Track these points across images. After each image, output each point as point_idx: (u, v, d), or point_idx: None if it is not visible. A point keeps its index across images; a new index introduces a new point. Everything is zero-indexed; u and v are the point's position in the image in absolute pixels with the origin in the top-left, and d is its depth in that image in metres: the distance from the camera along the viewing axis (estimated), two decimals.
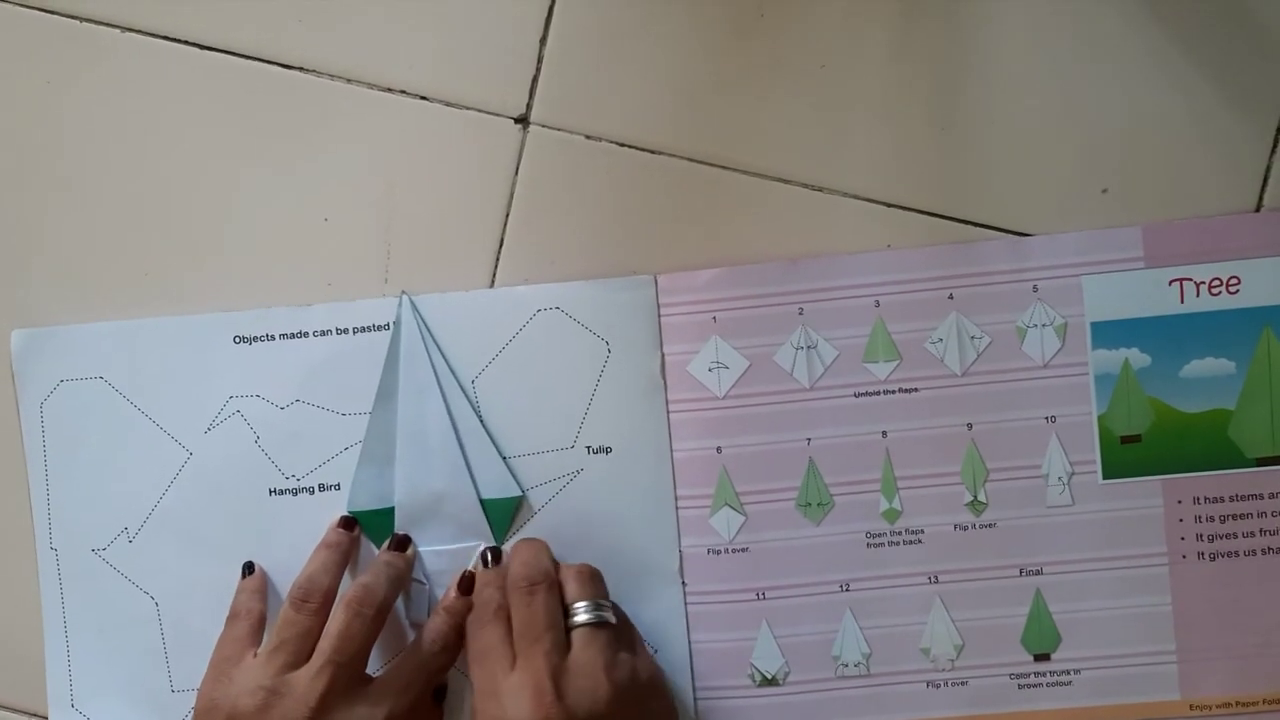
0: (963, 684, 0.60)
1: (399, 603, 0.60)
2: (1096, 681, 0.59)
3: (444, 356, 0.60)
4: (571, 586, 0.56)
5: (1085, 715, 0.59)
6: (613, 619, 0.56)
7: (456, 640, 0.58)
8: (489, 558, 0.59)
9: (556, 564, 0.58)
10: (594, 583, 0.57)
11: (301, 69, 0.61)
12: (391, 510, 0.60)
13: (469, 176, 0.61)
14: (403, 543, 0.60)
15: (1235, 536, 0.59)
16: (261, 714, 0.54)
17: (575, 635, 0.55)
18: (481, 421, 0.60)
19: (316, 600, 0.56)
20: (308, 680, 0.55)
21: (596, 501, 0.60)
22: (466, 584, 0.59)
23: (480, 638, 0.56)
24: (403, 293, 0.60)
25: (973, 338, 0.59)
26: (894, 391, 0.60)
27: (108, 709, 0.61)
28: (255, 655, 0.56)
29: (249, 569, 0.60)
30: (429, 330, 0.60)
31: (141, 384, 0.61)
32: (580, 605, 0.56)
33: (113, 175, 0.62)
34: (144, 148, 0.62)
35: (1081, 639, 0.59)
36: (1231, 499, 0.59)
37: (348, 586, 0.58)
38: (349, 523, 0.60)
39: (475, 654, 0.56)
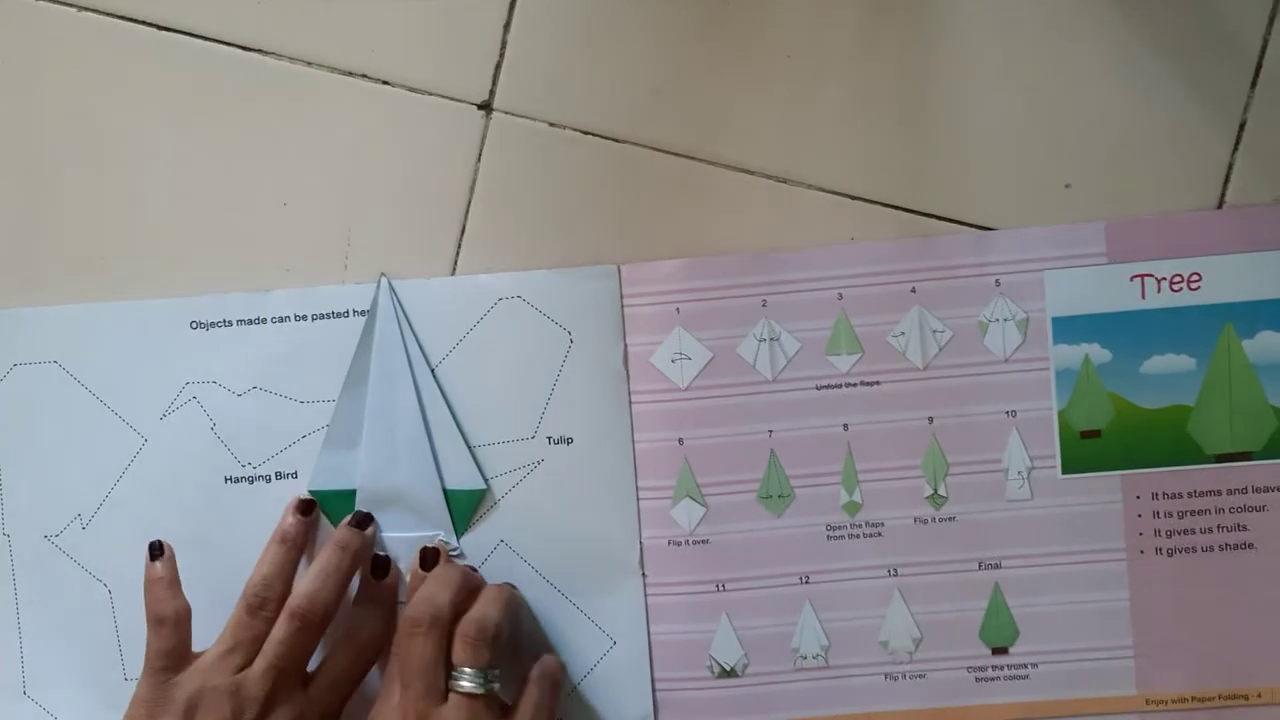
0: (920, 677, 0.60)
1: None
2: (1054, 675, 0.60)
3: (418, 342, 0.59)
4: (456, 649, 0.55)
5: (1042, 709, 0.60)
6: (497, 687, 0.55)
7: (388, 630, 0.58)
8: (426, 559, 0.59)
9: (473, 591, 0.57)
10: (476, 649, 0.55)
11: (261, 51, 0.60)
12: (352, 493, 0.60)
13: (431, 163, 0.60)
14: (363, 520, 0.59)
15: (1193, 532, 0.59)
16: (209, 712, 0.54)
17: (452, 697, 0.55)
18: (451, 411, 0.59)
19: (272, 608, 0.56)
20: (255, 681, 0.55)
21: (557, 492, 0.60)
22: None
23: (391, 663, 0.57)
24: (381, 275, 0.60)
25: (935, 331, 0.59)
26: (856, 385, 0.60)
27: (60, 697, 0.61)
28: (203, 656, 0.56)
29: (157, 550, 0.58)
30: (405, 315, 0.60)
31: (96, 369, 0.60)
32: (466, 672, 0.55)
33: (68, 157, 0.61)
34: (101, 129, 0.61)
35: (1039, 633, 0.59)
36: (1190, 495, 0.59)
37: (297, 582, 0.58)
38: (307, 506, 0.59)
39: (385, 675, 0.57)
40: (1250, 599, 0.59)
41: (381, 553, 0.60)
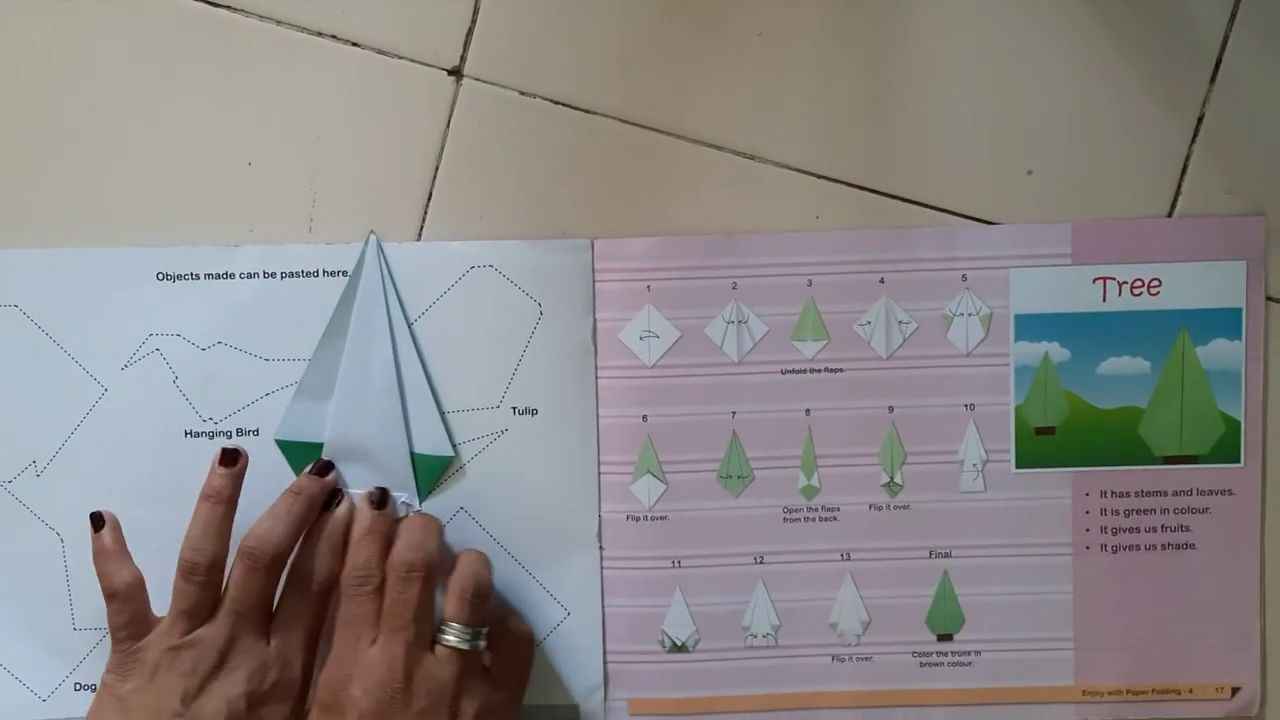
0: (867, 660, 0.61)
1: None
2: (995, 664, 0.61)
3: (400, 303, 0.59)
4: (451, 604, 0.56)
5: (982, 695, 0.61)
6: (483, 645, 0.56)
7: (337, 567, 0.58)
8: (375, 498, 0.58)
9: (444, 548, 0.58)
10: (474, 606, 0.56)
11: (229, 8, 0.60)
12: (319, 447, 0.60)
13: (399, 128, 0.60)
14: (324, 468, 0.59)
15: (1138, 531, 0.61)
16: (171, 665, 0.54)
17: (439, 649, 0.56)
18: (427, 375, 0.59)
19: (203, 571, 0.55)
20: (214, 631, 0.55)
21: (519, 462, 0.60)
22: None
23: (352, 606, 0.56)
24: (371, 233, 0.59)
25: (900, 322, 0.60)
26: (820, 371, 0.60)
27: (8, 644, 0.60)
28: (162, 621, 0.56)
29: (99, 521, 0.58)
30: (390, 274, 0.59)
31: (58, 315, 0.60)
32: (454, 627, 0.56)
33: (35, 103, 0.60)
34: (69, 79, 0.60)
35: (984, 622, 0.61)
36: (1137, 494, 0.61)
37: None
38: (230, 457, 0.58)
39: (343, 619, 0.56)
40: (1188, 598, 0.61)
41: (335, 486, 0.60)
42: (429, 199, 0.60)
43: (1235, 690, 0.61)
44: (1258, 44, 0.60)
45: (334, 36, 0.60)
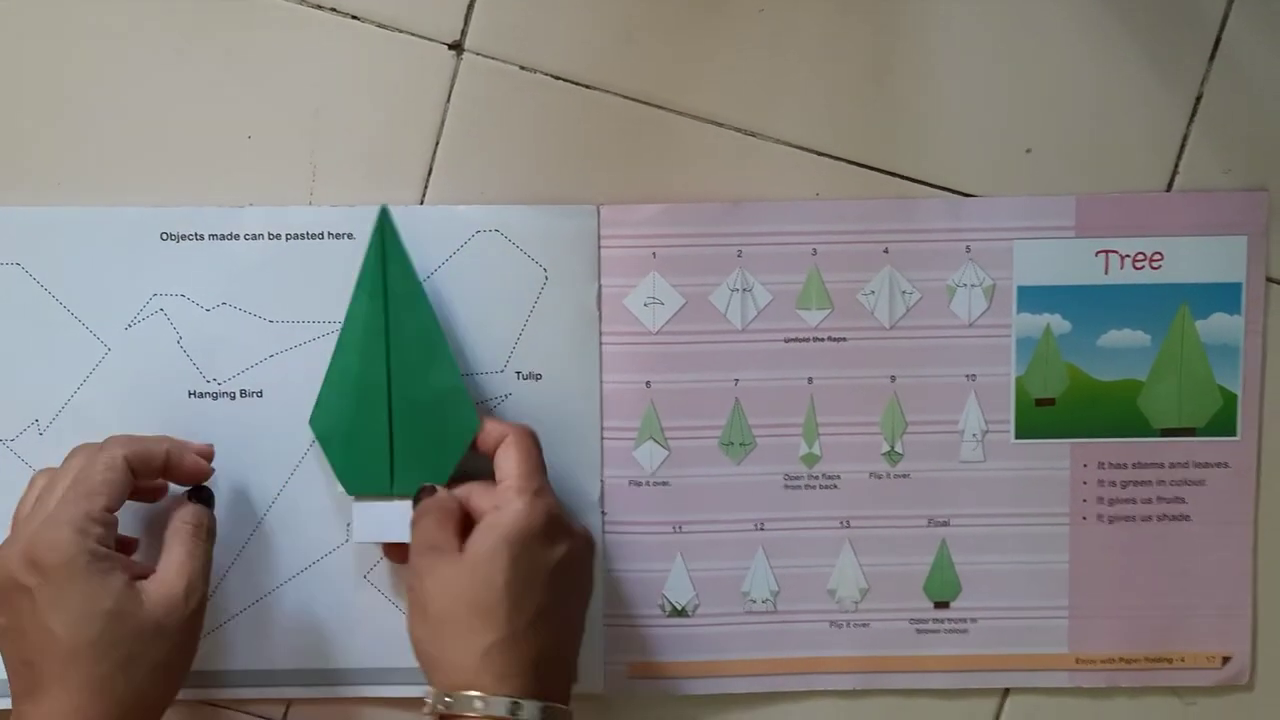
0: (864, 626, 0.62)
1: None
2: (991, 631, 0.62)
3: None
4: None
5: (977, 662, 0.62)
6: None
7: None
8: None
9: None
10: None
11: None
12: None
13: (399, 102, 0.60)
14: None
15: (1134, 502, 0.61)
16: None
17: None
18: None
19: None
20: None
21: None
22: None
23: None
24: (383, 207, 0.59)
25: (904, 292, 0.60)
26: (823, 339, 0.61)
27: None
28: None
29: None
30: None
31: (61, 274, 0.59)
32: None
33: (40, 64, 0.60)
34: (73, 43, 0.60)
35: (981, 590, 0.62)
36: (1134, 466, 0.61)
37: None
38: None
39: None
40: (1182, 568, 0.61)
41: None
42: (429, 173, 0.60)
43: (1226, 660, 0.62)
44: (1257, 23, 0.60)
45: (334, 10, 0.59)
